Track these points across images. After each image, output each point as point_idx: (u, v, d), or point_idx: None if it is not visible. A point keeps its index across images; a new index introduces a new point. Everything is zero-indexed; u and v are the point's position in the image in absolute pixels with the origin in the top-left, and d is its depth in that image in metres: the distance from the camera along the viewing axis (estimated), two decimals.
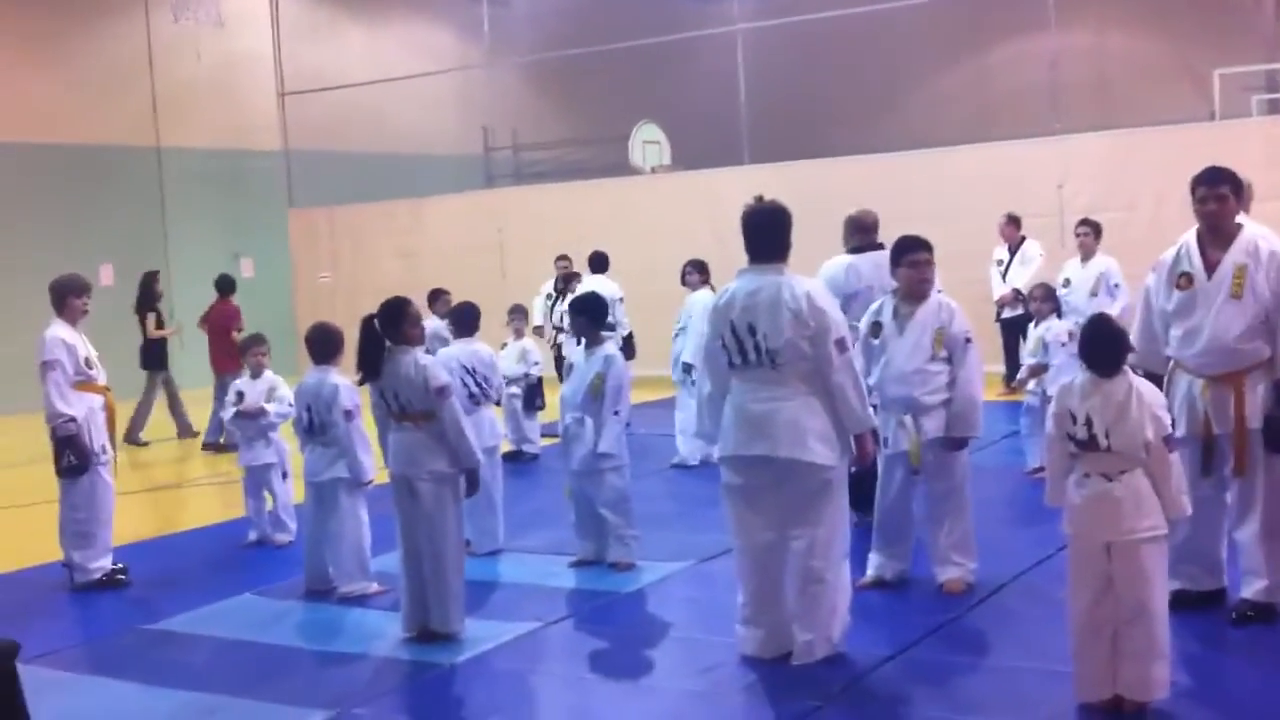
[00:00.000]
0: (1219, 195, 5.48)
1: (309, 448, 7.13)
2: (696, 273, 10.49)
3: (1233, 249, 5.44)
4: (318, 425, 7.04)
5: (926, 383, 6.21)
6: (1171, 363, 5.63)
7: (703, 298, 9.76)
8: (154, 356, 13.68)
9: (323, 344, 7.21)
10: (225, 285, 13.65)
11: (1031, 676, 5.13)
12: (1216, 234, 5.51)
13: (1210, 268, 5.48)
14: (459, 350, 7.82)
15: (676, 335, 10.35)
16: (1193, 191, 5.55)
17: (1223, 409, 5.43)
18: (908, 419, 6.24)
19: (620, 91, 20.53)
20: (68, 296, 7.55)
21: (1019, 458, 9.23)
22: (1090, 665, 4.49)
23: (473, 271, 16.85)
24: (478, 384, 7.79)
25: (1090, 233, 11.38)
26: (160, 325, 13.78)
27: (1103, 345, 4.55)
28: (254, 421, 8.28)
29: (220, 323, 13.26)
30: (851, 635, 5.47)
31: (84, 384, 7.45)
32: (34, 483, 10.91)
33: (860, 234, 7.58)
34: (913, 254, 6.32)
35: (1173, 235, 5.76)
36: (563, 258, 13.51)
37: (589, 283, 11.86)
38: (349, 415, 6.97)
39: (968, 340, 6.22)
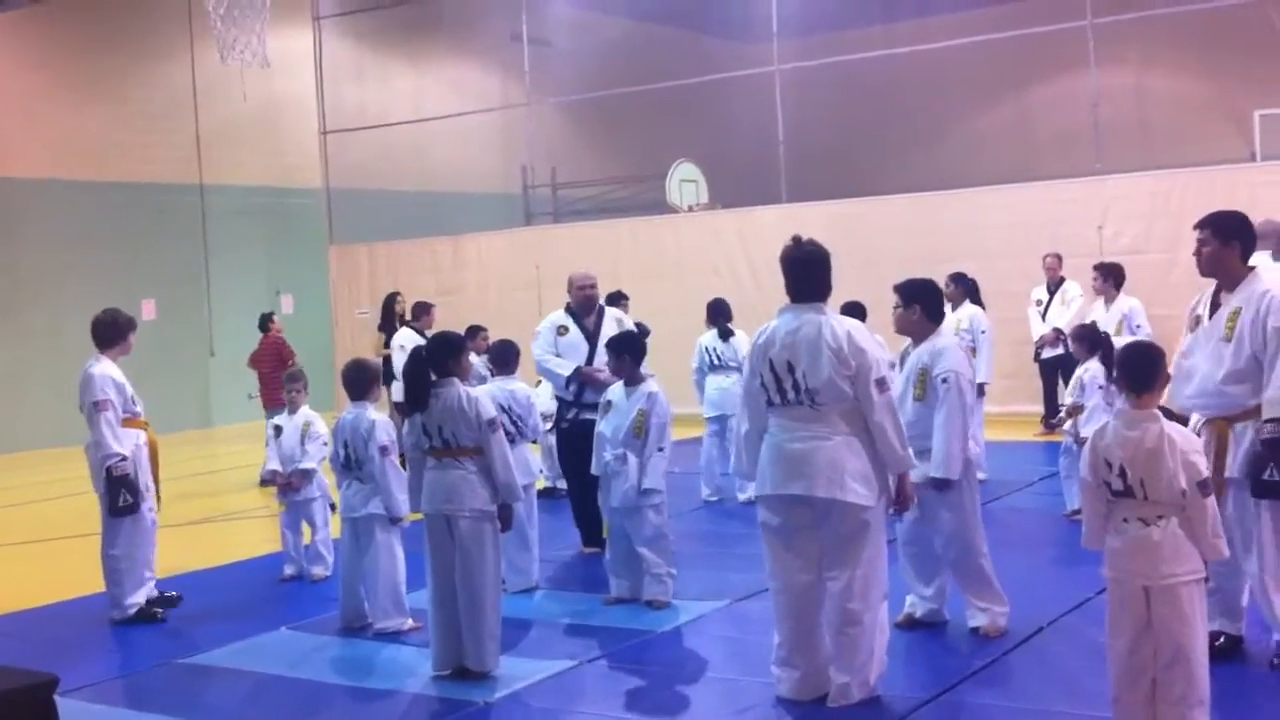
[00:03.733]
0: (1199, 240, 5.52)
1: (345, 483, 7.16)
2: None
3: (1236, 292, 5.42)
4: (354, 461, 7.06)
5: (913, 425, 6.12)
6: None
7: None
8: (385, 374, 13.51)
9: (358, 380, 7.25)
10: (266, 321, 13.94)
11: None
12: (1218, 277, 5.51)
13: (1215, 310, 5.47)
14: (496, 388, 7.84)
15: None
16: None
17: (1209, 452, 5.36)
18: None
19: (658, 131, 20.63)
20: (129, 333, 7.65)
21: (1057, 499, 9.14)
22: (1129, 710, 4.43)
23: (511, 308, 16.95)
24: (513, 422, 7.80)
25: (1099, 277, 11.40)
26: (387, 345, 13.51)
27: (1137, 365, 4.51)
28: (294, 491, 8.36)
29: (271, 354, 13.52)
30: (888, 678, 5.43)
31: (129, 420, 7.53)
32: (74, 515, 11.02)
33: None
34: None
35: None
36: (427, 305, 12.83)
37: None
38: (384, 451, 6.99)
39: (944, 381, 6.10)
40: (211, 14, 14.80)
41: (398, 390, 10.84)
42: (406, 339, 12.25)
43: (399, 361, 11.26)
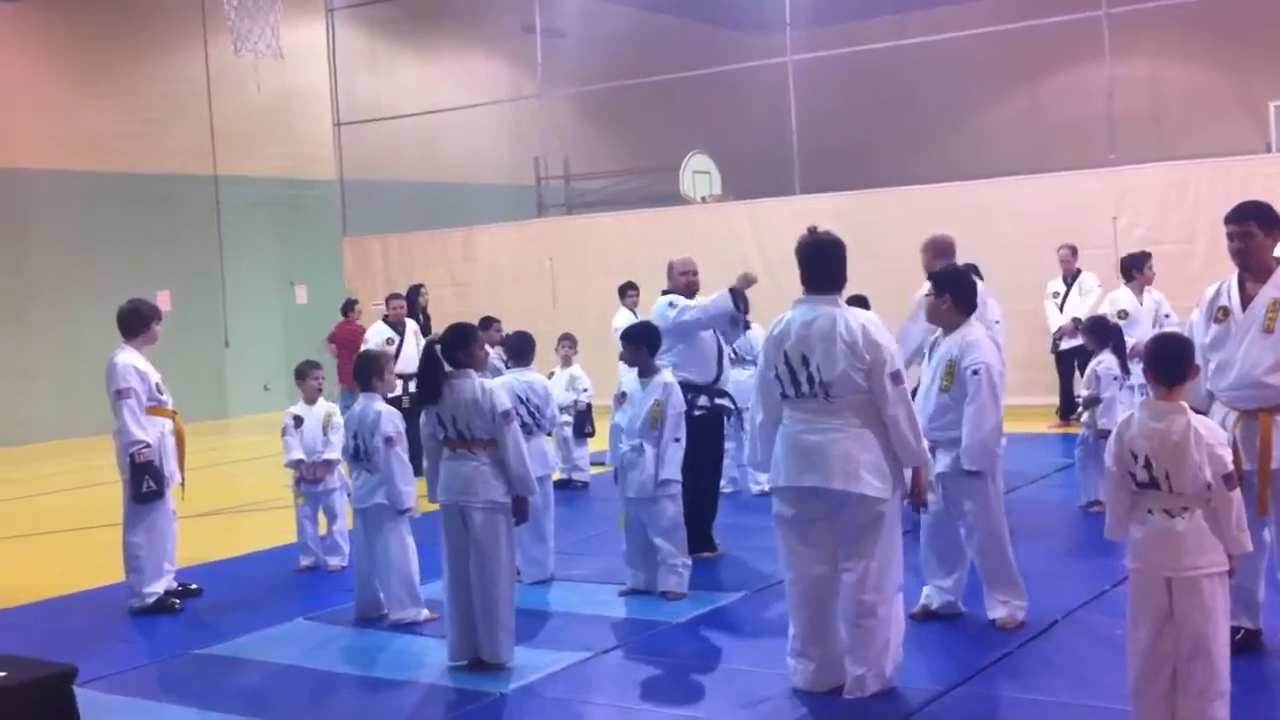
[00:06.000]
0: (1244, 233, 5.44)
1: (356, 474, 7.18)
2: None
3: (1269, 283, 5.39)
4: (363, 452, 7.08)
5: (938, 416, 6.15)
6: (1209, 394, 5.58)
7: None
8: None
9: (366, 371, 7.27)
10: (348, 307, 15.47)
11: (1088, 714, 5.06)
12: (1251, 269, 5.46)
13: (1246, 302, 5.44)
14: (513, 379, 7.85)
15: None
16: (1225, 227, 5.51)
17: (1250, 444, 5.35)
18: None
19: (671, 122, 20.63)
20: (152, 322, 7.71)
21: (1073, 491, 9.14)
22: (1149, 703, 4.42)
23: (524, 299, 16.98)
24: (530, 414, 7.81)
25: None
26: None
27: (1169, 356, 4.50)
28: (318, 482, 8.42)
29: (349, 340, 14.32)
30: (904, 670, 5.43)
31: (155, 409, 7.57)
32: (87, 507, 11.07)
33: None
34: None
35: (1229, 268, 5.71)
36: (395, 297, 12.92)
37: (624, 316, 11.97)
38: (389, 442, 6.99)
39: (974, 373, 6.08)
40: (226, 6, 14.84)
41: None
42: (375, 333, 12.39)
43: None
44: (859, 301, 9.61)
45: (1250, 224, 5.43)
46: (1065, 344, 13.00)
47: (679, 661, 6.15)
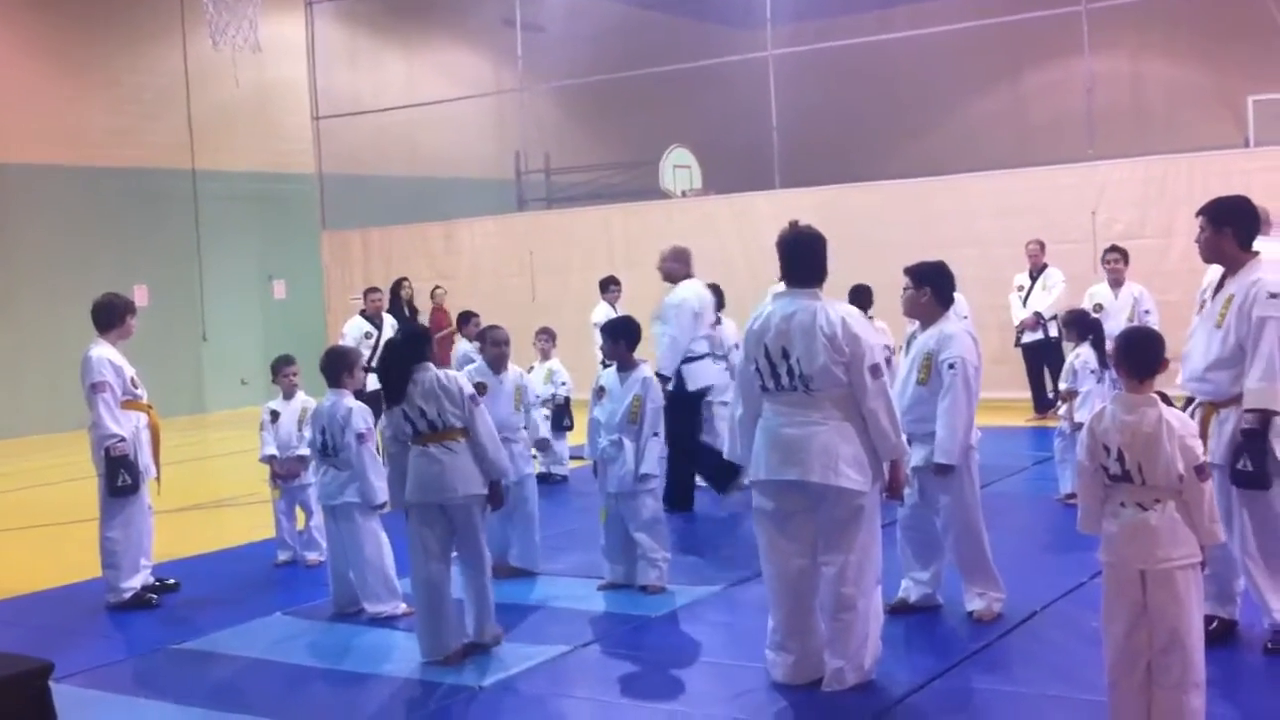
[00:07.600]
0: (1199, 227, 5.52)
1: (323, 470, 7.15)
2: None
3: (1235, 278, 5.43)
4: (331, 448, 7.04)
5: (914, 409, 6.15)
6: None
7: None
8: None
9: (336, 367, 7.25)
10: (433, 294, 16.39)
11: (1064, 705, 5.09)
12: (1221, 264, 5.52)
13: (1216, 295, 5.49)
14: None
15: None
16: None
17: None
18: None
19: (652, 116, 20.60)
20: (126, 316, 7.67)
21: (1050, 484, 9.17)
22: (1125, 695, 4.44)
23: (504, 293, 16.96)
24: None
25: (1120, 259, 11.35)
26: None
27: (1137, 350, 4.50)
28: (293, 477, 8.40)
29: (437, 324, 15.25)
30: (883, 662, 5.44)
31: (130, 403, 7.54)
32: (69, 501, 11.01)
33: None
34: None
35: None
36: (374, 290, 13.06)
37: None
38: (361, 438, 6.97)
39: (950, 367, 6.07)
40: None
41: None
42: (353, 327, 12.34)
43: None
44: (862, 292, 9.64)
45: (1201, 219, 5.52)
46: (1027, 337, 13.07)
47: (658, 655, 6.15)
